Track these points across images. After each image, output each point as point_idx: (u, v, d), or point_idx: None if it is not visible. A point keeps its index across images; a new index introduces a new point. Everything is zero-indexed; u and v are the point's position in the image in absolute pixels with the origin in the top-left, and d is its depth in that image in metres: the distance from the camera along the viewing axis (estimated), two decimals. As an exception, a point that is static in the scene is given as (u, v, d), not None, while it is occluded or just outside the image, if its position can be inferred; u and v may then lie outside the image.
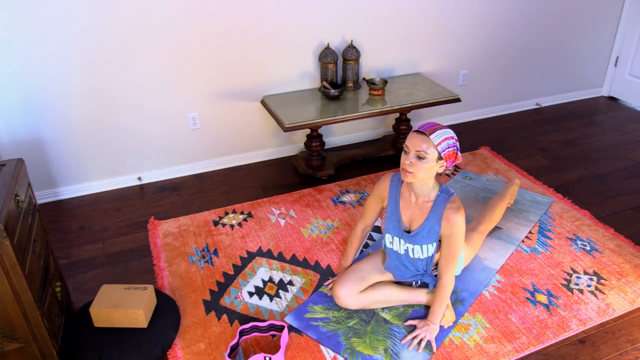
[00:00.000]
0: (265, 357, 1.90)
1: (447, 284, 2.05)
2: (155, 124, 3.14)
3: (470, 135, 3.83)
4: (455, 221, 1.96)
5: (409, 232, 2.09)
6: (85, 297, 2.35)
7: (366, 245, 2.62)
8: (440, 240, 2.05)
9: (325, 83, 3.24)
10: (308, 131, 3.29)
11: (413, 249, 2.08)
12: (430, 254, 2.08)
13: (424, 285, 2.29)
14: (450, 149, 1.89)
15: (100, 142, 3.06)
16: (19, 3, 2.56)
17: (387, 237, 2.15)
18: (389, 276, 2.26)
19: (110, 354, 1.91)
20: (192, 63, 3.04)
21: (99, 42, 2.80)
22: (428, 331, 2.05)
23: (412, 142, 1.88)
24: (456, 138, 1.93)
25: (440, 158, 1.89)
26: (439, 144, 1.86)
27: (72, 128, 2.96)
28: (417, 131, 1.89)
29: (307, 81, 3.39)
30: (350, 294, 2.16)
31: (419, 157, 1.87)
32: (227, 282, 2.40)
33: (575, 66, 4.29)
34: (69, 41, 2.74)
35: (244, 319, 2.19)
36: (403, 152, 1.92)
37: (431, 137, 1.86)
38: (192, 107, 3.18)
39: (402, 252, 2.12)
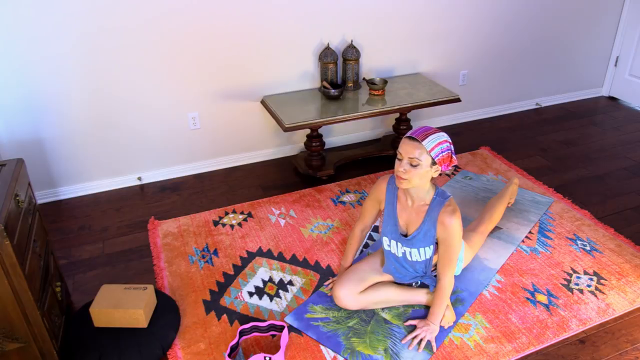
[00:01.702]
0: (265, 357, 1.90)
1: (446, 285, 2.05)
2: (155, 123, 3.14)
3: (470, 135, 3.83)
4: (450, 224, 1.94)
5: (406, 235, 2.08)
6: (85, 297, 2.35)
7: (366, 245, 2.62)
8: (437, 243, 2.05)
9: (325, 83, 3.24)
10: (308, 131, 3.29)
11: (411, 252, 2.08)
12: (428, 257, 2.08)
13: (424, 285, 2.29)
14: (444, 153, 1.88)
15: (100, 142, 3.06)
16: (19, 5, 2.56)
17: (385, 240, 2.15)
18: (388, 276, 2.26)
19: (110, 354, 1.91)
20: (192, 63, 3.04)
21: (99, 42, 2.80)
22: (428, 331, 2.05)
23: (405, 149, 1.86)
24: (450, 141, 1.91)
25: (434, 163, 1.87)
26: (432, 149, 1.84)
27: (72, 128, 2.96)
28: (410, 137, 1.87)
29: (307, 81, 3.39)
30: (350, 294, 2.15)
31: (412, 164, 1.86)
32: (227, 282, 2.40)
33: (575, 66, 4.29)
34: (70, 42, 2.74)
35: (244, 319, 2.19)
36: (397, 159, 1.90)
37: (423, 143, 1.83)
38: (192, 107, 3.18)
39: (400, 255, 2.12)
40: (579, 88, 4.43)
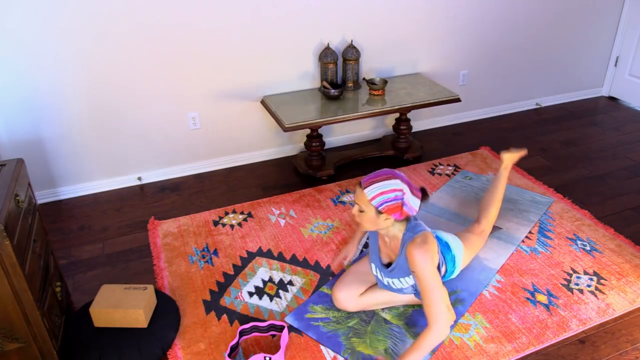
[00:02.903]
0: (265, 357, 1.90)
1: (433, 335, 1.82)
2: (155, 123, 3.14)
3: (470, 135, 3.83)
4: (412, 254, 1.82)
5: (387, 265, 2.08)
6: (85, 297, 2.35)
7: (366, 245, 2.62)
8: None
9: (325, 83, 3.24)
10: (308, 131, 3.29)
11: (393, 282, 2.08)
12: (410, 284, 2.05)
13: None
14: (389, 204, 1.79)
15: (100, 142, 3.06)
16: (21, 6, 2.56)
17: (372, 267, 2.15)
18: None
19: (110, 354, 1.91)
20: (192, 63, 3.04)
21: (99, 42, 2.80)
22: None
23: (355, 194, 1.87)
24: (402, 189, 1.80)
25: (380, 212, 1.81)
26: (373, 198, 1.79)
27: (72, 128, 2.96)
28: (359, 182, 1.86)
29: (307, 81, 3.39)
30: (350, 297, 2.16)
31: (360, 210, 1.85)
32: (227, 282, 2.40)
33: (575, 66, 4.29)
34: (70, 43, 2.73)
35: (244, 319, 2.19)
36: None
37: (365, 191, 1.81)
38: (192, 107, 3.18)
39: (386, 283, 2.12)
40: (579, 88, 4.43)
